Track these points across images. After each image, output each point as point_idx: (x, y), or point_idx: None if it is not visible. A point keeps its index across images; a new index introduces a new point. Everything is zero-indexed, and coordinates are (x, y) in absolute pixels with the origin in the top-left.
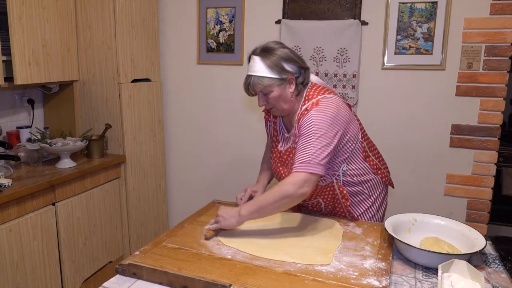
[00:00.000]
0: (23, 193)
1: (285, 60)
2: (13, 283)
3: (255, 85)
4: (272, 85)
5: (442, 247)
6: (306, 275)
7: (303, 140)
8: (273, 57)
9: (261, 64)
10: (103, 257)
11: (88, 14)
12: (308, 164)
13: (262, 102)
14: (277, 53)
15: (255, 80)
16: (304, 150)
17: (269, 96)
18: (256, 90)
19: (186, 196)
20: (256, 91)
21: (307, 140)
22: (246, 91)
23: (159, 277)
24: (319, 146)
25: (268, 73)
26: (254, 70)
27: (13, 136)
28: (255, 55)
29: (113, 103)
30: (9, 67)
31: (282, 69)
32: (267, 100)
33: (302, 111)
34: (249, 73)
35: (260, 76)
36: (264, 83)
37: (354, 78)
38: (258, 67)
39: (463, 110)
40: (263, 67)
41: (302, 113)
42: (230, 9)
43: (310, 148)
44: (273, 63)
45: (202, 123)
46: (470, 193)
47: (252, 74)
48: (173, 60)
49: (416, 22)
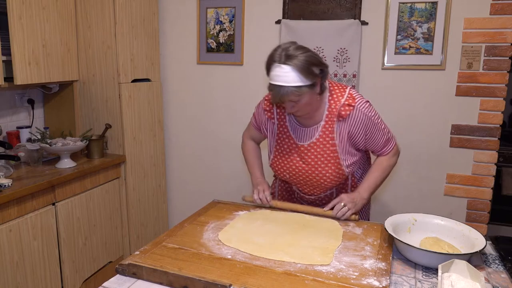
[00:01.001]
0: (23, 193)
1: (313, 64)
2: (13, 283)
3: (288, 96)
4: (304, 92)
5: (442, 247)
6: (306, 275)
7: (375, 129)
8: (303, 64)
9: (293, 74)
10: (103, 257)
11: (88, 14)
12: (390, 143)
13: (290, 109)
14: (305, 59)
15: (290, 91)
16: (382, 134)
17: (299, 103)
18: (288, 99)
19: (186, 196)
20: (286, 100)
21: (377, 129)
22: (276, 100)
23: (159, 277)
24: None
25: (300, 81)
26: (287, 81)
27: (13, 136)
28: (282, 64)
29: (113, 103)
30: (9, 67)
31: (312, 75)
32: (295, 106)
33: (344, 105)
34: (280, 83)
35: (295, 86)
36: (298, 92)
37: (354, 78)
38: (290, 77)
39: (463, 110)
40: (295, 76)
41: (346, 108)
42: (230, 9)
43: (384, 130)
44: (305, 70)
45: (202, 123)
46: (470, 193)
47: (285, 84)
48: (173, 60)
49: (416, 22)
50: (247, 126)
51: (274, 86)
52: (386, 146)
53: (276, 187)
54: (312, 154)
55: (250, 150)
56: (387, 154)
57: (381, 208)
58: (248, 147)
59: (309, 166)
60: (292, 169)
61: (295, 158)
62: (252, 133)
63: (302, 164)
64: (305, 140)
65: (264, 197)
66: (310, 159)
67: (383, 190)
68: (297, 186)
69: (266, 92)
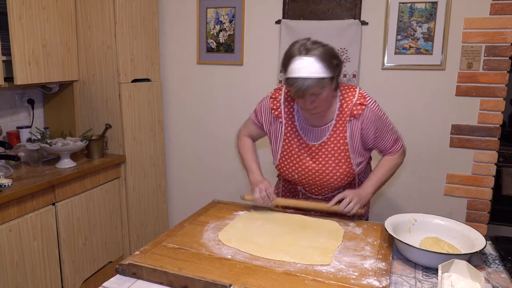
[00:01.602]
0: (23, 193)
1: (333, 56)
2: (13, 283)
3: (312, 88)
4: (326, 85)
5: (442, 247)
6: (306, 275)
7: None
8: (325, 55)
9: (316, 65)
10: (103, 257)
11: (88, 14)
12: (397, 143)
13: (310, 105)
14: (326, 50)
15: (313, 83)
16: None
17: (319, 97)
18: (310, 93)
19: (186, 196)
20: (309, 93)
21: (386, 128)
22: (298, 94)
23: (159, 277)
24: (391, 125)
25: (323, 72)
26: (311, 71)
27: (13, 136)
28: (304, 56)
29: (113, 103)
30: (9, 67)
31: (333, 67)
32: (315, 100)
33: (356, 105)
34: (302, 75)
35: (318, 77)
36: (321, 84)
37: (354, 78)
38: (314, 68)
39: (463, 110)
40: (318, 67)
41: (358, 107)
42: (230, 9)
43: (392, 130)
44: (327, 61)
45: (202, 123)
46: (470, 193)
47: (308, 76)
48: (173, 60)
49: (416, 22)
50: (244, 124)
51: (297, 79)
52: (394, 146)
53: (280, 188)
54: (323, 153)
55: (248, 147)
56: (395, 153)
57: (381, 208)
58: (246, 144)
59: (319, 166)
60: (302, 169)
61: (305, 158)
62: (251, 130)
63: (312, 164)
64: (316, 140)
65: (265, 196)
66: (321, 158)
67: (383, 190)
68: (304, 186)
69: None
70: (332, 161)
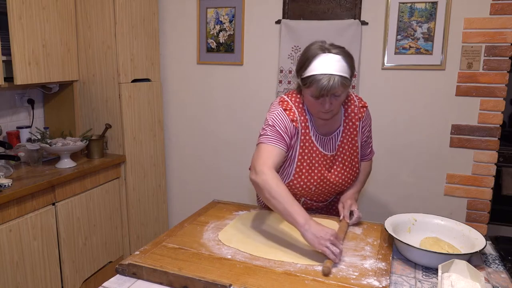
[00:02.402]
0: (23, 193)
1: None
2: (13, 283)
3: (338, 87)
4: (347, 87)
5: (442, 247)
6: (306, 275)
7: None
8: (348, 56)
9: (342, 63)
10: (103, 257)
11: (88, 14)
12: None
13: (329, 106)
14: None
15: (341, 81)
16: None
17: (338, 99)
18: (334, 91)
19: (186, 196)
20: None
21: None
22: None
23: (159, 277)
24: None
25: (347, 73)
26: (339, 70)
27: (13, 136)
28: (330, 53)
29: (113, 103)
30: (9, 67)
31: (353, 69)
32: (333, 102)
33: (359, 107)
34: (331, 72)
35: (345, 77)
36: (347, 84)
37: (354, 78)
38: (342, 67)
39: (463, 110)
40: (345, 67)
41: (361, 110)
42: (230, 9)
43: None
44: (350, 62)
45: (202, 123)
46: (470, 193)
47: (337, 73)
48: (173, 60)
49: (416, 22)
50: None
51: (323, 75)
52: (371, 150)
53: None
54: (337, 161)
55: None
56: (370, 159)
57: (381, 208)
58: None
59: (335, 174)
60: (320, 180)
61: (322, 168)
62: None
63: (328, 173)
64: (330, 150)
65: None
66: (336, 166)
67: (383, 190)
68: (312, 196)
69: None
70: (346, 166)
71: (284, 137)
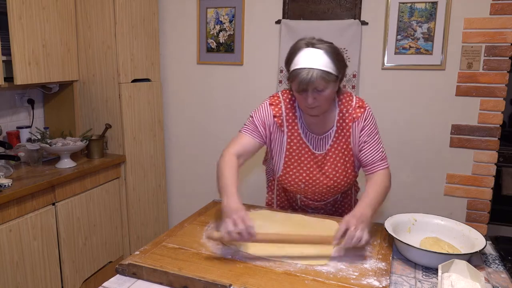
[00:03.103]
0: (23, 193)
1: (340, 56)
2: (13, 283)
3: (317, 80)
4: (331, 82)
5: (442, 247)
6: (306, 275)
7: (375, 139)
8: (334, 50)
9: (325, 57)
10: (103, 257)
11: (88, 14)
12: (386, 160)
13: (311, 100)
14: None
15: (320, 74)
16: (379, 148)
17: (322, 94)
18: (314, 85)
19: (186, 196)
20: (312, 87)
21: (377, 138)
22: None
23: (159, 277)
24: (381, 141)
25: (331, 68)
26: (318, 64)
27: (13, 136)
28: (312, 47)
29: (113, 103)
30: (9, 67)
31: (340, 66)
32: (317, 98)
33: (355, 108)
34: (309, 66)
35: (326, 70)
36: (328, 78)
37: (354, 78)
38: (322, 60)
39: (463, 110)
40: (327, 60)
41: (357, 111)
42: (230, 9)
43: (381, 145)
44: (335, 57)
45: (202, 123)
46: (470, 193)
47: (316, 67)
48: (173, 60)
49: (416, 22)
50: (233, 140)
51: (303, 69)
52: (382, 160)
53: (274, 198)
54: (328, 161)
55: (230, 165)
56: (382, 169)
57: (381, 208)
58: (230, 162)
59: (326, 174)
60: (309, 178)
61: (312, 166)
62: (245, 143)
63: (319, 172)
64: (321, 149)
65: (245, 231)
66: (327, 166)
67: None
68: (306, 194)
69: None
70: (338, 168)
71: (258, 129)
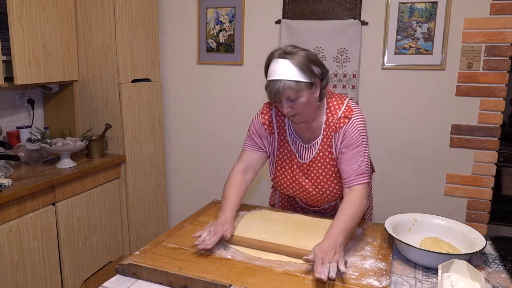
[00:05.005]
0: (23, 193)
1: (313, 62)
2: (13, 283)
3: (285, 91)
4: (302, 90)
5: (442, 247)
6: (306, 275)
7: (355, 151)
8: (302, 59)
9: (291, 67)
10: (103, 257)
11: (88, 14)
12: (365, 175)
13: (287, 109)
14: (304, 55)
15: (287, 84)
16: (358, 161)
17: (297, 102)
18: (285, 96)
19: (186, 196)
20: (284, 97)
21: (358, 151)
22: (273, 97)
23: (159, 277)
24: (366, 154)
25: (299, 76)
26: (284, 74)
27: (13, 136)
28: (280, 58)
29: (113, 103)
30: (9, 67)
31: (312, 72)
32: (292, 106)
33: (341, 118)
34: (277, 77)
35: (293, 80)
36: (296, 87)
37: (354, 78)
38: (288, 71)
39: (463, 110)
40: (294, 70)
41: (341, 121)
42: (230, 9)
43: (363, 158)
44: (304, 65)
45: (202, 123)
46: (470, 193)
47: (282, 78)
48: (173, 60)
49: (416, 22)
50: (239, 157)
51: (271, 81)
52: (360, 175)
53: (276, 199)
54: (314, 169)
55: (233, 184)
56: (357, 184)
57: (381, 208)
58: (233, 181)
59: (312, 182)
60: (296, 184)
61: (298, 174)
62: (249, 159)
63: (305, 179)
64: (306, 158)
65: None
66: (312, 174)
67: (383, 190)
68: (301, 199)
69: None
70: (323, 177)
71: (256, 141)
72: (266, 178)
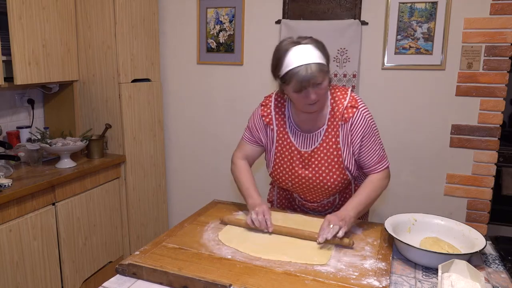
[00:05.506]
0: (23, 193)
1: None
2: (13, 283)
3: (316, 75)
4: (327, 73)
5: (442, 247)
6: (306, 275)
7: (371, 141)
8: (319, 44)
9: (315, 51)
10: (103, 257)
11: (88, 14)
12: (384, 160)
13: (313, 95)
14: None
15: (318, 67)
16: (376, 150)
17: (321, 87)
18: (317, 80)
19: (186, 196)
20: (313, 82)
21: (374, 140)
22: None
23: (159, 277)
24: (380, 140)
25: (324, 60)
26: (311, 58)
27: (13, 136)
28: (301, 45)
29: (113, 103)
30: (9, 67)
31: (327, 56)
32: (317, 92)
33: (347, 107)
34: (304, 62)
35: (321, 63)
36: (325, 69)
37: (354, 78)
38: (314, 55)
39: (463, 110)
40: (318, 53)
41: (349, 111)
42: (230, 9)
43: (379, 146)
44: (322, 49)
45: (202, 123)
46: (470, 193)
47: (310, 62)
48: (173, 60)
49: (416, 22)
50: (238, 145)
51: (299, 67)
52: (379, 163)
53: (274, 196)
54: (316, 160)
55: (243, 169)
56: (379, 171)
57: (381, 208)
58: (240, 166)
59: (312, 173)
60: (295, 177)
61: (297, 165)
62: (247, 150)
63: (305, 171)
64: (308, 147)
65: (263, 220)
66: (314, 165)
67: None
68: (299, 193)
69: (265, 92)
70: (325, 167)
71: (253, 134)
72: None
